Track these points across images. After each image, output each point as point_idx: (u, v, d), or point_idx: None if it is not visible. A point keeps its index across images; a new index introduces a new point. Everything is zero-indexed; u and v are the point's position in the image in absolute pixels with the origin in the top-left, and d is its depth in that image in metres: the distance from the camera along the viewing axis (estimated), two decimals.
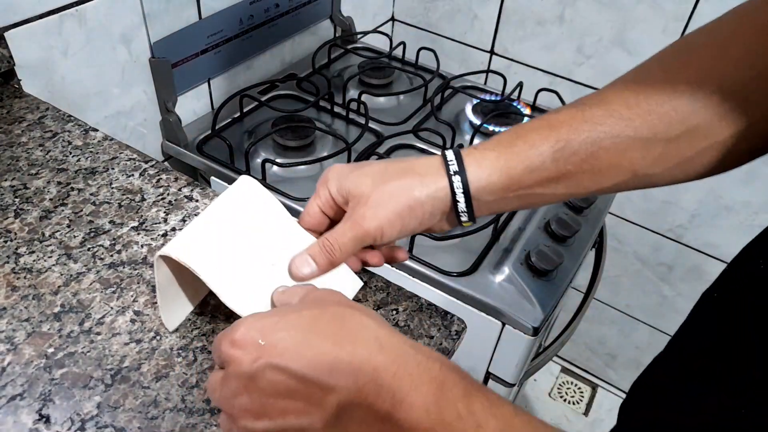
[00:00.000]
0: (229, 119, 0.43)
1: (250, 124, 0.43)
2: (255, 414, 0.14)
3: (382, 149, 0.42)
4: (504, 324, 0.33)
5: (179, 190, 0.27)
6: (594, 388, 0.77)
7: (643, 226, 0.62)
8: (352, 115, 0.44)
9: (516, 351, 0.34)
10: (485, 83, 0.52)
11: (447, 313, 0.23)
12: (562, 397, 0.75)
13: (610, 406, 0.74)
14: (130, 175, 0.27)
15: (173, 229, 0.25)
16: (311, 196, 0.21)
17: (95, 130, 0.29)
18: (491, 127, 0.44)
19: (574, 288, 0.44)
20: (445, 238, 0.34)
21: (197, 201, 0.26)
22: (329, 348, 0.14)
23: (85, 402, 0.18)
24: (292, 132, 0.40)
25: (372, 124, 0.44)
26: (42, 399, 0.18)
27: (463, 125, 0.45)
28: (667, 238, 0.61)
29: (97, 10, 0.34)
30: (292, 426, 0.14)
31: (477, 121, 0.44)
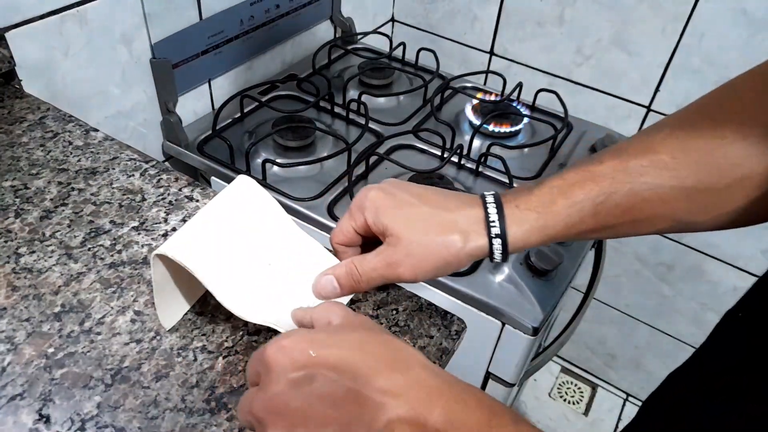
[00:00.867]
0: (230, 120, 0.43)
1: (250, 125, 0.43)
2: (292, 421, 0.14)
3: (382, 149, 0.42)
4: (504, 324, 0.33)
5: (180, 190, 0.27)
6: (594, 388, 0.76)
7: None
8: (352, 116, 0.44)
9: (516, 351, 0.34)
10: (485, 84, 0.52)
11: (447, 313, 0.23)
12: (562, 397, 0.75)
13: (609, 406, 0.74)
14: (130, 176, 0.27)
15: (174, 229, 0.25)
16: (344, 215, 0.21)
17: (96, 131, 0.30)
18: (491, 128, 0.44)
19: (573, 288, 0.44)
20: None
21: (198, 201, 0.26)
22: (382, 367, 0.14)
23: (85, 402, 0.18)
24: (292, 132, 0.40)
25: (372, 125, 0.44)
26: (42, 399, 0.18)
27: (462, 125, 0.45)
28: (666, 238, 0.61)
29: (98, 11, 0.34)
30: None
31: (477, 121, 0.44)
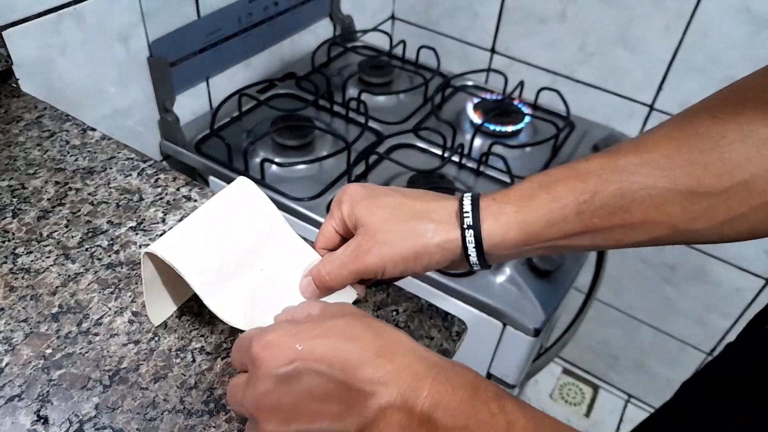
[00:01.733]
0: (228, 118, 0.43)
1: (248, 124, 0.43)
2: (284, 417, 0.14)
3: (381, 149, 0.42)
4: (505, 325, 0.33)
5: (177, 189, 0.27)
6: (595, 389, 0.76)
7: None
8: (351, 115, 0.44)
9: (517, 352, 0.34)
10: (486, 82, 0.52)
11: (447, 314, 0.23)
12: (563, 398, 0.75)
13: (611, 408, 0.74)
14: (128, 175, 0.27)
15: (171, 229, 0.25)
16: (326, 216, 0.21)
17: (93, 130, 0.29)
18: (492, 127, 0.43)
19: (575, 289, 0.44)
20: None
21: (195, 201, 0.26)
22: (369, 355, 0.14)
23: (83, 403, 0.18)
24: (291, 131, 0.40)
25: (372, 124, 0.43)
26: (40, 400, 0.18)
27: (463, 124, 0.45)
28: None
29: (95, 9, 0.33)
30: (322, 431, 0.14)
31: (478, 120, 0.44)
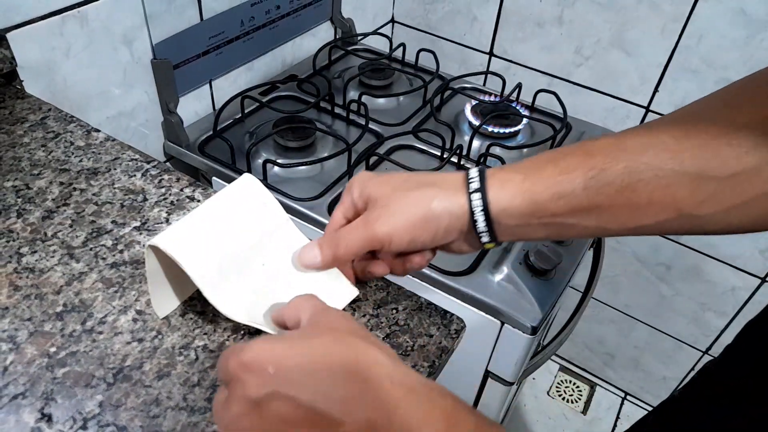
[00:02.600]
0: (231, 120, 0.43)
1: (251, 125, 0.43)
2: None
3: (382, 150, 0.42)
4: (503, 323, 0.33)
5: (181, 190, 0.27)
6: (592, 386, 0.76)
7: None
8: (352, 116, 0.45)
9: (515, 350, 0.34)
10: (484, 84, 0.52)
11: (446, 312, 0.23)
12: (560, 395, 0.75)
13: (608, 405, 0.74)
14: (132, 176, 0.27)
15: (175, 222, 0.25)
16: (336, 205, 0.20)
17: (97, 131, 0.30)
18: (490, 128, 0.44)
19: (572, 287, 0.44)
20: None
21: (199, 201, 0.26)
22: (340, 382, 0.14)
23: (87, 401, 0.18)
24: (293, 133, 0.40)
25: (372, 125, 0.44)
26: (44, 398, 0.18)
27: (462, 126, 0.45)
28: (665, 237, 0.61)
29: (99, 11, 0.34)
30: None
31: (476, 122, 0.44)
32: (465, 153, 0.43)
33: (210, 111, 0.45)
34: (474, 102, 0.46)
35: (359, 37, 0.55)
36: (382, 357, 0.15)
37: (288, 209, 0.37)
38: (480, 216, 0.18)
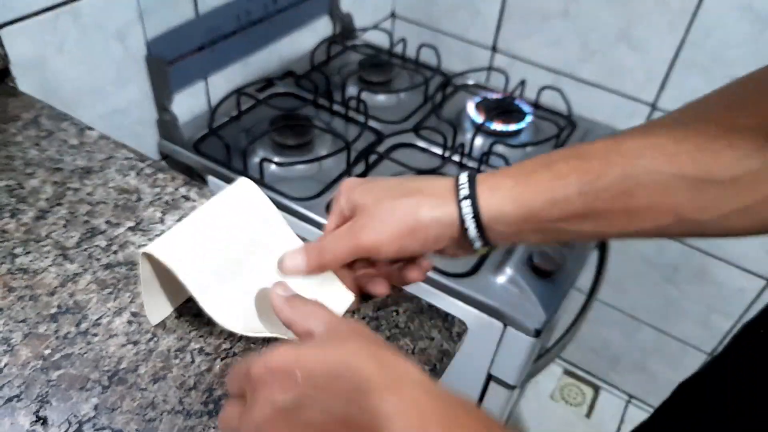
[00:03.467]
0: (227, 118, 0.43)
1: (247, 123, 0.43)
2: None
3: (381, 148, 0.41)
4: (506, 325, 0.33)
5: (176, 189, 0.26)
6: (596, 390, 0.76)
7: None
8: (351, 114, 0.44)
9: (518, 353, 0.33)
10: (487, 81, 0.52)
11: (448, 314, 0.23)
12: (564, 399, 0.75)
13: (612, 409, 0.74)
14: (126, 175, 0.27)
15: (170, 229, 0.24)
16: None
17: (91, 129, 0.29)
18: (493, 126, 0.43)
19: (576, 289, 0.44)
20: None
21: (194, 201, 0.26)
22: (374, 386, 0.13)
23: (82, 404, 0.18)
24: (290, 130, 0.40)
25: (372, 123, 0.43)
26: (39, 401, 0.18)
27: (464, 124, 0.45)
28: (671, 238, 0.61)
29: (92, 7, 0.33)
30: None
31: (479, 119, 0.44)
32: (467, 151, 0.42)
33: (205, 108, 0.45)
34: (477, 99, 0.46)
35: (358, 32, 0.55)
36: (411, 366, 0.14)
37: (285, 209, 0.37)
38: (471, 223, 0.18)
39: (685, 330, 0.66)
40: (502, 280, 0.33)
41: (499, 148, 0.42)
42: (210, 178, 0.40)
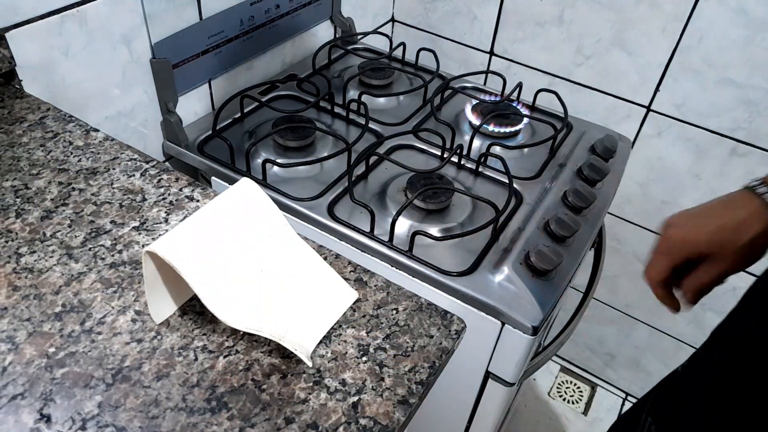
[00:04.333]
0: (230, 120, 0.43)
1: (250, 125, 0.43)
2: None
3: (381, 149, 0.42)
4: (503, 323, 0.33)
5: (180, 190, 0.27)
6: (593, 387, 0.76)
7: (642, 226, 0.62)
8: (352, 116, 0.44)
9: (515, 350, 0.34)
10: (485, 84, 0.52)
11: (447, 312, 0.23)
12: (561, 396, 0.75)
13: (609, 406, 0.74)
14: (131, 176, 0.27)
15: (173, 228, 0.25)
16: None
17: (96, 131, 0.30)
18: (490, 128, 0.44)
19: (573, 288, 0.44)
20: (445, 238, 0.34)
21: (198, 201, 0.26)
22: None
23: (86, 401, 0.18)
24: (292, 132, 0.40)
25: (372, 125, 0.44)
26: (43, 398, 0.18)
27: (462, 126, 0.45)
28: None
29: (98, 11, 0.34)
30: None
31: (476, 121, 0.44)
32: (465, 153, 0.42)
33: (209, 110, 0.45)
34: (474, 101, 0.46)
35: (359, 37, 0.55)
36: None
37: (287, 209, 0.37)
38: None
39: (680, 328, 0.66)
40: (499, 279, 0.33)
41: (497, 150, 0.43)
42: (214, 179, 0.40)
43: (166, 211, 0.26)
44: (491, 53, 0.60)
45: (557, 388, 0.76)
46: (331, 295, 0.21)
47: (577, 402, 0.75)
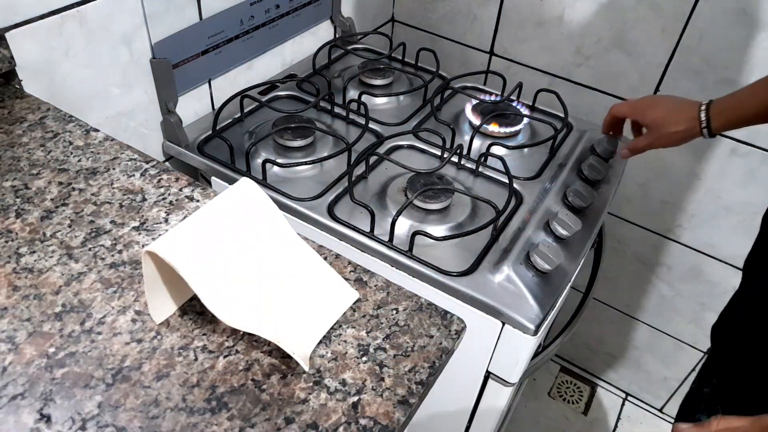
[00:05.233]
0: (230, 120, 0.43)
1: (250, 125, 0.43)
2: None
3: (381, 149, 0.42)
4: (504, 323, 0.33)
5: (180, 190, 0.27)
6: (593, 387, 0.76)
7: (642, 226, 0.62)
8: (352, 116, 0.44)
9: (516, 350, 0.34)
10: (485, 84, 0.52)
11: (447, 312, 0.23)
12: (561, 396, 0.75)
13: (609, 406, 0.74)
14: (131, 176, 0.27)
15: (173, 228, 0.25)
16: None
17: (96, 131, 0.30)
18: (491, 128, 0.44)
19: (573, 288, 0.44)
20: (445, 238, 0.34)
21: (198, 201, 0.26)
22: None
23: (86, 401, 0.18)
24: (292, 132, 0.40)
25: (372, 125, 0.44)
26: (43, 398, 0.18)
27: (462, 126, 0.45)
28: (666, 238, 0.61)
29: (98, 11, 0.34)
30: None
31: (476, 121, 0.44)
32: (465, 153, 0.42)
33: (209, 111, 0.45)
34: (474, 101, 0.46)
35: (359, 37, 0.55)
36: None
37: (287, 209, 0.37)
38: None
39: (679, 328, 0.66)
40: (499, 279, 0.33)
41: (497, 150, 0.43)
42: (214, 179, 0.40)
43: (166, 211, 0.26)
44: (491, 53, 0.60)
45: (557, 388, 0.76)
46: (331, 295, 0.21)
47: (577, 402, 0.75)
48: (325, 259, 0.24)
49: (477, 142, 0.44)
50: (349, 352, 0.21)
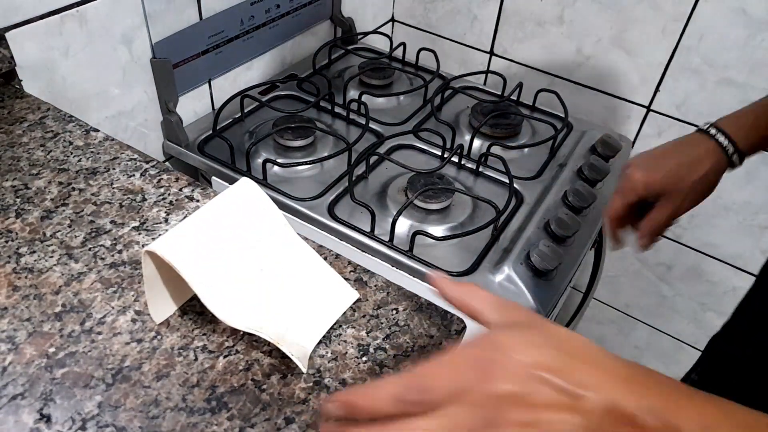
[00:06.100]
0: (230, 119, 0.43)
1: (251, 125, 0.43)
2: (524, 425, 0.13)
3: (382, 149, 0.42)
4: None
5: (180, 190, 0.27)
6: None
7: None
8: (352, 116, 0.44)
9: None
10: (485, 84, 0.52)
11: (447, 312, 0.23)
12: None
13: None
14: (131, 176, 0.27)
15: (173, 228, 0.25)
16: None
17: (96, 131, 0.30)
18: (491, 128, 0.44)
19: (573, 288, 0.44)
20: (445, 238, 0.34)
21: (198, 201, 0.26)
22: (599, 359, 0.14)
23: (86, 401, 0.18)
24: (292, 132, 0.40)
25: (372, 125, 0.44)
26: (43, 398, 0.18)
27: (462, 126, 0.45)
28: (665, 237, 0.61)
29: (98, 11, 0.34)
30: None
31: (477, 121, 0.44)
32: (465, 153, 0.42)
33: (209, 110, 0.45)
34: (475, 101, 0.46)
35: (359, 36, 0.55)
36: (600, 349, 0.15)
37: (288, 209, 0.37)
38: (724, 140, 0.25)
39: (680, 328, 0.66)
40: (500, 279, 0.33)
41: (497, 150, 0.43)
42: (214, 179, 0.40)
43: (166, 211, 0.26)
44: (491, 53, 0.60)
45: None
46: (330, 295, 0.21)
47: None
48: (325, 259, 0.24)
49: (477, 142, 0.44)
50: (349, 352, 0.21)
